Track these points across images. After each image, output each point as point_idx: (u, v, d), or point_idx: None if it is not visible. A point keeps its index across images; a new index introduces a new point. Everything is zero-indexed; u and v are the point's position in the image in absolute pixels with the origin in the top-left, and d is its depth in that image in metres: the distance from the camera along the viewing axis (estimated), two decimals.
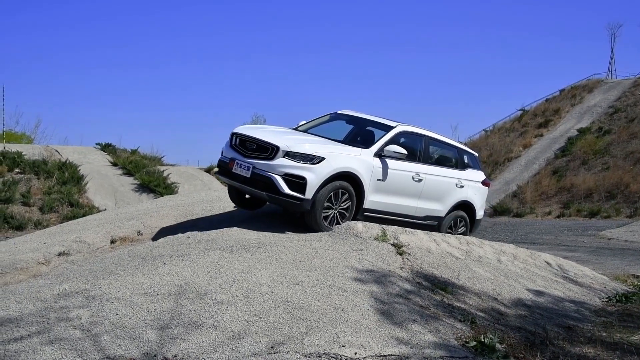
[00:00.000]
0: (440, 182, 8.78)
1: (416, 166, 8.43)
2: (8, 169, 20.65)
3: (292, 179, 7.20)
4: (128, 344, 4.24)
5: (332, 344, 4.54)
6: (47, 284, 5.31)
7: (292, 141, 7.47)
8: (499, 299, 6.61)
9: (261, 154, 7.41)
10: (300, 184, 7.19)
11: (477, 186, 9.46)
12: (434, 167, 8.73)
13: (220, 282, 5.33)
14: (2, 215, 17.40)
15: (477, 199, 9.44)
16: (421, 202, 8.60)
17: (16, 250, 8.07)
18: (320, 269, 5.99)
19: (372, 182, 7.85)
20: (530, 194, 28.83)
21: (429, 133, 8.89)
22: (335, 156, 7.45)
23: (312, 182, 7.22)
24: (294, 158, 7.25)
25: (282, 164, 7.24)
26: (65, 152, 24.56)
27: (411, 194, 8.42)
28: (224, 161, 7.93)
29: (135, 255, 6.21)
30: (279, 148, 7.28)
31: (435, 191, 8.73)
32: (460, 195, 9.13)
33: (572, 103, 40.70)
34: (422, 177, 8.44)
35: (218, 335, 4.45)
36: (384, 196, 8.07)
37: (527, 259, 8.63)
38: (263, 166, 7.31)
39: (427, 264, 6.94)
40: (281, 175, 7.20)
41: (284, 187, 7.18)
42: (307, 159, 7.26)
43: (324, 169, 7.28)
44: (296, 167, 7.21)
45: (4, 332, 4.33)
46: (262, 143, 7.46)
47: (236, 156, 7.66)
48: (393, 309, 5.39)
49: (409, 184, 8.32)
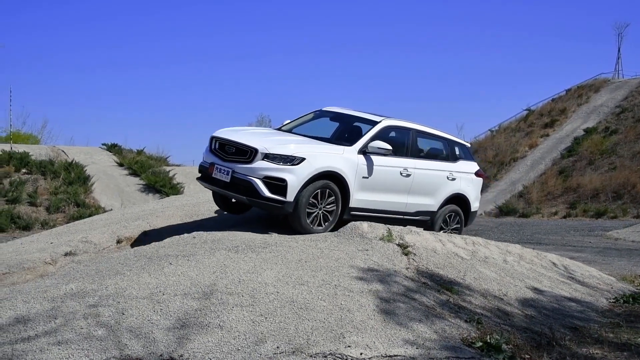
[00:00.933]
0: (430, 175, 8.59)
1: (404, 161, 8.25)
2: (15, 169, 20.74)
3: (272, 182, 7.06)
4: (134, 344, 4.26)
5: (338, 344, 4.54)
6: (54, 284, 5.33)
7: (270, 143, 7.34)
8: (505, 299, 6.60)
9: (240, 158, 7.28)
10: (281, 186, 7.05)
11: (470, 178, 9.21)
12: (423, 161, 8.55)
13: (226, 282, 5.34)
14: (9, 215, 17.48)
15: (470, 190, 9.20)
16: (411, 197, 8.42)
17: (23, 250, 8.11)
18: (326, 269, 5.99)
19: (358, 180, 7.69)
20: (537, 194, 28.75)
21: (416, 126, 8.68)
22: (316, 156, 7.29)
23: (293, 183, 7.07)
24: (273, 160, 7.10)
25: (261, 166, 7.10)
26: (72, 152, 24.64)
27: (400, 190, 8.26)
28: (204, 166, 7.82)
29: (141, 256, 6.23)
30: (258, 150, 7.13)
31: (426, 185, 8.53)
32: (453, 188, 8.90)
33: (579, 103, 40.55)
34: (410, 172, 8.25)
35: (224, 336, 4.46)
36: (370, 194, 7.91)
37: (534, 260, 8.60)
38: (242, 170, 7.19)
39: (432, 264, 6.93)
40: (261, 178, 7.07)
41: (264, 190, 7.06)
42: (287, 161, 7.11)
43: (304, 170, 7.13)
44: (276, 169, 7.07)
45: (12, 331, 4.35)
46: (240, 146, 7.32)
47: (216, 160, 7.54)
48: (399, 309, 5.39)
49: (397, 179, 8.16)
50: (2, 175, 20.08)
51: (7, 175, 20.24)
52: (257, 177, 7.08)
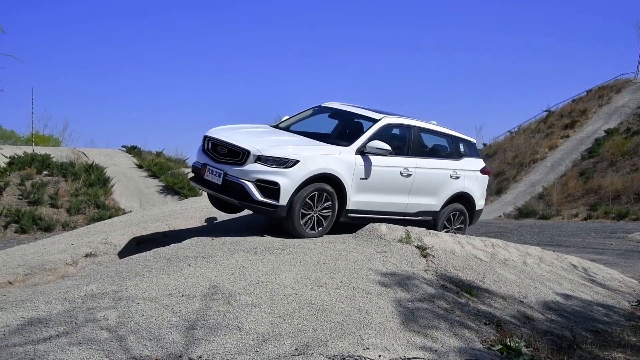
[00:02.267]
0: (433, 175, 8.31)
1: (404, 160, 7.98)
2: (37, 171, 21.02)
3: (264, 185, 6.85)
4: (154, 345, 4.28)
5: (356, 347, 4.53)
6: (75, 285, 5.39)
7: (263, 144, 7.09)
8: (524, 302, 6.53)
9: (232, 159, 7.06)
10: (274, 189, 6.84)
11: (475, 175, 8.92)
12: (425, 160, 8.26)
13: (245, 284, 5.35)
14: (31, 216, 17.72)
15: (475, 189, 8.91)
16: (412, 197, 8.17)
17: (44, 251, 8.21)
18: (344, 271, 5.98)
19: (355, 182, 7.44)
20: (557, 195, 28.42)
21: (418, 123, 8.40)
22: (310, 157, 7.05)
23: (286, 187, 6.85)
24: (265, 162, 6.88)
25: (253, 169, 6.89)
26: (92, 154, 24.91)
27: (400, 191, 8.01)
28: (196, 167, 7.62)
29: (161, 257, 6.27)
30: (250, 152, 6.92)
31: (428, 185, 8.26)
32: (457, 187, 8.62)
33: (600, 104, 40.04)
34: (411, 172, 7.98)
35: (242, 337, 4.48)
36: (369, 195, 7.66)
37: (554, 262, 8.51)
38: (234, 172, 6.99)
39: (451, 267, 6.89)
40: (253, 181, 6.87)
41: (256, 193, 6.85)
42: (280, 163, 6.88)
43: (298, 173, 6.90)
44: (268, 172, 6.85)
45: (33, 331, 4.41)
46: (232, 147, 7.10)
47: (208, 161, 7.35)
48: (417, 312, 5.37)
49: (397, 180, 7.90)
50: (24, 177, 20.36)
51: (29, 177, 20.52)
52: (249, 180, 6.89)
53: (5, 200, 19.07)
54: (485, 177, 9.18)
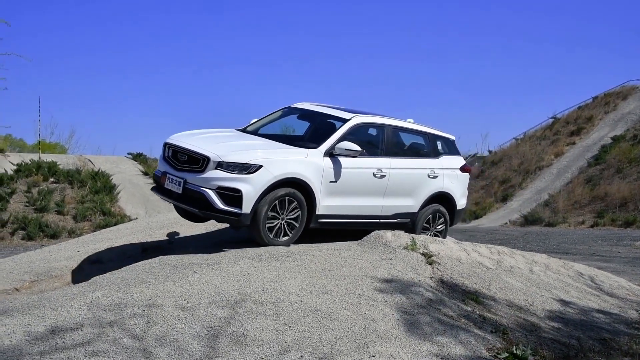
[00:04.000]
0: (408, 175, 7.97)
1: (377, 161, 7.64)
2: (43, 178, 21.11)
3: (226, 193, 6.53)
4: (160, 352, 4.29)
5: (362, 354, 4.52)
6: (81, 292, 5.40)
7: (224, 149, 6.78)
8: (531, 309, 6.51)
9: (193, 167, 6.73)
10: (236, 197, 6.52)
11: (454, 174, 8.56)
12: (400, 160, 7.92)
13: (250, 291, 5.35)
14: (37, 223, 17.79)
15: (455, 188, 8.55)
16: (387, 199, 7.82)
17: (51, 258, 8.25)
18: (349, 278, 5.98)
19: (325, 186, 7.11)
20: (563, 203, 28.33)
21: (391, 122, 8.04)
22: (274, 162, 6.74)
23: (249, 194, 6.54)
24: (227, 169, 6.56)
25: (214, 176, 6.57)
26: (98, 161, 25.02)
27: (374, 193, 7.67)
28: (157, 175, 7.27)
29: (166, 264, 6.28)
30: (210, 159, 6.60)
31: (403, 186, 7.92)
32: (435, 187, 8.27)
33: (606, 110, 39.94)
34: (385, 173, 7.63)
35: (248, 344, 4.48)
36: (340, 199, 7.33)
37: (560, 269, 8.47)
38: (194, 180, 6.65)
39: (457, 274, 6.87)
40: (214, 189, 6.54)
41: (217, 202, 6.53)
42: (242, 169, 6.58)
43: (262, 178, 6.59)
44: (230, 179, 6.54)
45: (40, 339, 4.41)
46: (192, 154, 6.78)
47: (168, 169, 6.99)
48: (423, 319, 5.35)
49: (370, 181, 7.56)
50: (31, 184, 20.45)
51: (36, 184, 20.61)
52: (209, 188, 6.57)
53: (12, 207, 19.16)
54: (465, 175, 8.86)
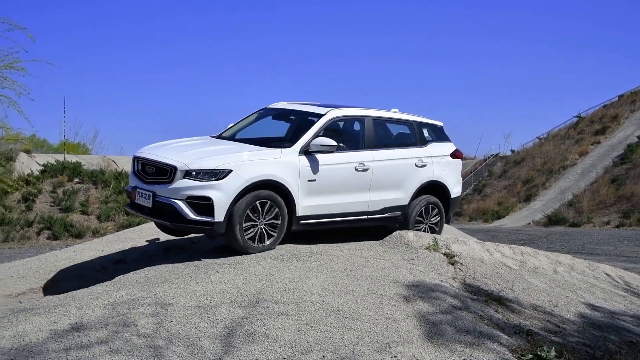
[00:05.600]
0: (394, 166, 7.61)
1: (359, 154, 7.31)
2: (68, 178, 21.43)
3: (196, 202, 6.25)
4: (183, 351, 4.32)
5: (384, 355, 4.50)
6: (105, 291, 5.47)
7: (190, 157, 6.50)
8: (555, 311, 6.42)
9: (161, 178, 6.47)
10: (207, 205, 6.23)
11: (444, 161, 8.17)
12: (383, 151, 7.56)
13: (272, 291, 5.37)
14: (63, 223, 18.07)
15: (447, 175, 8.18)
16: (374, 194, 7.47)
17: (76, 257, 8.36)
18: (371, 279, 5.96)
19: (303, 185, 6.81)
20: (587, 202, 27.93)
21: (370, 112, 7.69)
22: (244, 165, 6.46)
23: (220, 200, 6.25)
24: (195, 177, 6.28)
25: (182, 186, 6.28)
26: (121, 162, 25.33)
27: (358, 188, 7.32)
28: (128, 191, 7.03)
29: (189, 263, 6.32)
30: (176, 168, 6.32)
31: (389, 178, 7.57)
32: (425, 176, 7.91)
33: (632, 109, 39.27)
34: (368, 166, 7.30)
35: (270, 344, 4.49)
36: (321, 198, 7.01)
37: (585, 270, 8.35)
38: (163, 192, 6.38)
39: (479, 275, 6.81)
40: (183, 199, 6.26)
41: (188, 212, 6.23)
42: (211, 175, 6.29)
43: (233, 183, 6.30)
44: (199, 187, 6.25)
45: (66, 337, 4.48)
46: (159, 165, 6.53)
47: (138, 184, 6.75)
48: (445, 320, 5.32)
49: (352, 176, 7.22)
50: (56, 185, 20.78)
51: (61, 184, 20.93)
52: (179, 199, 6.28)
53: (38, 208, 19.48)
54: (457, 161, 8.48)
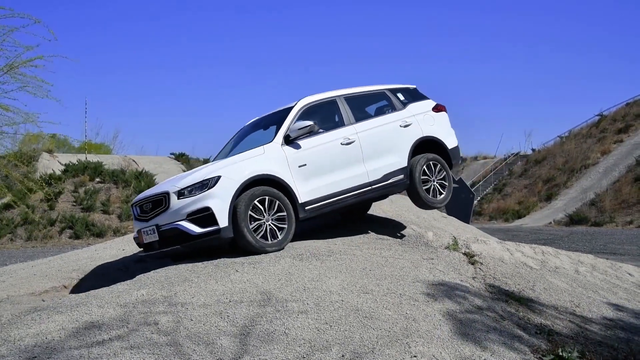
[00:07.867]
0: (379, 132, 7.71)
1: (340, 131, 7.44)
2: (90, 178, 21.68)
3: (197, 216, 6.36)
4: (202, 350, 4.35)
5: (404, 354, 4.49)
6: (126, 290, 5.52)
7: (179, 179, 6.75)
8: (577, 311, 6.35)
9: (159, 209, 6.62)
10: (208, 215, 6.33)
11: (429, 117, 8.27)
12: (364, 122, 7.68)
13: (291, 290, 5.38)
14: (84, 222, 18.29)
15: (436, 130, 8.25)
16: (369, 163, 7.51)
17: (97, 256, 8.45)
18: (391, 278, 5.95)
19: (295, 172, 6.92)
20: (610, 202, 27.58)
21: (340, 92, 7.84)
22: (232, 168, 6.59)
23: (219, 206, 6.34)
24: (189, 194, 6.43)
25: (179, 206, 6.43)
26: (142, 162, 25.54)
27: (351, 161, 7.38)
28: (136, 238, 7.10)
29: (208, 262, 6.36)
30: (169, 192, 6.53)
31: (378, 145, 7.65)
32: (413, 134, 7.98)
33: None
34: (353, 138, 7.43)
35: (289, 343, 4.50)
36: (319, 179, 7.09)
37: (608, 270, 8.24)
38: (164, 219, 6.53)
39: (500, 274, 6.76)
40: (184, 218, 6.38)
41: (192, 228, 6.34)
42: (202, 187, 6.42)
43: (225, 187, 6.42)
44: (195, 202, 6.37)
45: (87, 335, 4.53)
46: (153, 198, 6.74)
47: (141, 225, 6.86)
48: (465, 320, 5.28)
49: (341, 151, 7.31)
50: (78, 184, 21.03)
51: (83, 184, 21.18)
52: (179, 220, 6.41)
53: (60, 207, 19.72)
54: (442, 114, 8.54)
